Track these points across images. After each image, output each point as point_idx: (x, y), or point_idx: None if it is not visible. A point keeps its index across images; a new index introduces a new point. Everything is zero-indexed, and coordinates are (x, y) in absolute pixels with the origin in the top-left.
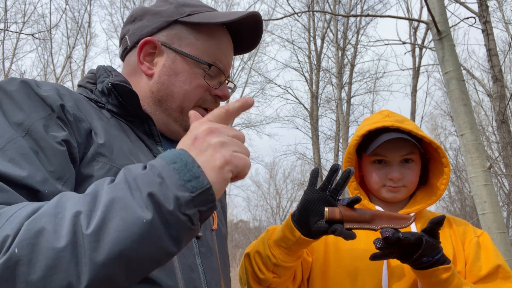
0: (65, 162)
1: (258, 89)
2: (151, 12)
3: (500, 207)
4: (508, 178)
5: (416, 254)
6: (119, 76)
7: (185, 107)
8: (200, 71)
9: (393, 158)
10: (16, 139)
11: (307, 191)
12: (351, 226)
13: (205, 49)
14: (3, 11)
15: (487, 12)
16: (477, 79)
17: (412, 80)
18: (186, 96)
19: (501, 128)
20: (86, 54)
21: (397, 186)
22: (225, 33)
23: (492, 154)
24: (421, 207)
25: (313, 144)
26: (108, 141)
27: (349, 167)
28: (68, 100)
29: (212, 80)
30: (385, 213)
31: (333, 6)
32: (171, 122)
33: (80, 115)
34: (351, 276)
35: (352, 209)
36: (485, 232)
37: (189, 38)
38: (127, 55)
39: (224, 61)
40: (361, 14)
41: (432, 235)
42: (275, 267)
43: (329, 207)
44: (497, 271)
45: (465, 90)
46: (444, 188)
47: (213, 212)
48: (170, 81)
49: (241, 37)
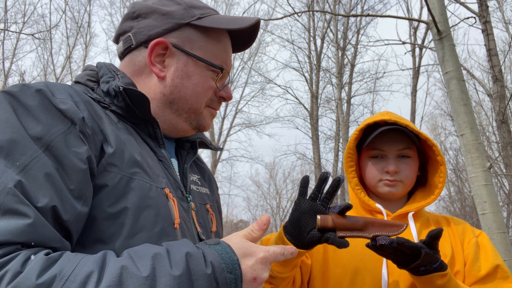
0: (86, 180)
1: (258, 89)
2: (159, 12)
3: (500, 207)
4: (508, 178)
5: (414, 263)
6: (125, 78)
7: (198, 108)
8: (210, 73)
9: (389, 151)
10: (39, 156)
11: (297, 201)
12: (344, 234)
13: (215, 52)
14: (3, 11)
15: (487, 12)
16: (477, 79)
17: (412, 80)
18: (198, 98)
19: (501, 128)
20: (86, 54)
21: (394, 179)
22: (227, 36)
23: (492, 154)
24: (420, 206)
25: (313, 144)
26: (118, 149)
27: (340, 175)
28: (83, 109)
29: (219, 82)
30: (377, 221)
31: (333, 6)
32: (180, 122)
33: (95, 127)
34: (350, 276)
35: (344, 217)
36: (483, 232)
37: (200, 42)
38: (129, 53)
39: (228, 63)
40: (361, 14)
41: (431, 246)
42: (271, 278)
43: (321, 215)
44: (496, 271)
45: (465, 90)
46: (442, 186)
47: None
48: (183, 84)
49: (237, 38)
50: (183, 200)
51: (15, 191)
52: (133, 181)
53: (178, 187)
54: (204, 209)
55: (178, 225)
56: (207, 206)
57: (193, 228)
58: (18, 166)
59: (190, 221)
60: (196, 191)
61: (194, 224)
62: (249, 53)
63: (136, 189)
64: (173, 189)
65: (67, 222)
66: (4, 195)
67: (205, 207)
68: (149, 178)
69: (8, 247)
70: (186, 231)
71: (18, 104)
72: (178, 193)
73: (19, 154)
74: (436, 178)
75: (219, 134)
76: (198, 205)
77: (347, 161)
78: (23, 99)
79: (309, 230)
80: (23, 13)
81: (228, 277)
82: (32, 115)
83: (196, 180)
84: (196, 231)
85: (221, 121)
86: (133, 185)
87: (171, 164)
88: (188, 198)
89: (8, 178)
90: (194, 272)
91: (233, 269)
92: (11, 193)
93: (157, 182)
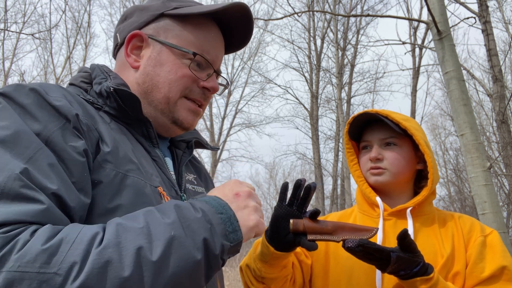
0: (85, 173)
1: (258, 89)
2: (139, 8)
3: (500, 207)
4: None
5: (389, 268)
6: (117, 79)
7: (171, 98)
8: (187, 61)
9: (374, 141)
10: (42, 148)
11: (276, 207)
12: (314, 238)
13: (192, 40)
14: (3, 11)
15: (487, 12)
16: (477, 79)
17: (412, 80)
18: (171, 86)
19: (501, 128)
20: (86, 54)
21: (377, 167)
22: (214, 27)
23: (492, 154)
24: (417, 200)
25: (313, 144)
26: (114, 148)
27: (312, 182)
28: (77, 107)
29: (200, 71)
30: (347, 225)
31: (333, 6)
32: (158, 115)
33: (89, 124)
34: (347, 274)
35: (315, 221)
36: (495, 231)
37: (175, 30)
38: (118, 52)
39: (211, 53)
40: (361, 14)
41: (407, 250)
42: (262, 279)
43: (294, 220)
44: (502, 272)
45: (465, 90)
46: (432, 178)
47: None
48: (155, 71)
49: (232, 33)
50: (177, 199)
51: (23, 177)
52: (128, 178)
53: (172, 186)
54: None
55: None
56: None
57: None
58: (24, 157)
59: None
60: (192, 190)
61: None
62: (249, 53)
63: (130, 186)
64: (167, 188)
65: (73, 209)
66: (12, 181)
67: None
68: (143, 176)
69: (20, 224)
70: None
71: (15, 104)
72: (172, 191)
73: (23, 147)
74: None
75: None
76: None
77: (348, 155)
78: (18, 98)
79: (286, 234)
80: (23, 13)
81: (221, 217)
82: (29, 113)
83: (192, 179)
84: None
85: (221, 121)
86: (128, 182)
87: (165, 164)
88: (183, 197)
89: (15, 166)
90: (186, 219)
91: (223, 210)
92: (19, 179)
93: (150, 181)
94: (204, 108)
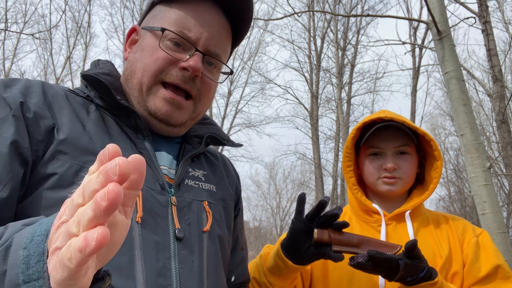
0: (6, 165)
1: (258, 89)
2: (147, 2)
3: (500, 207)
4: (508, 178)
5: (397, 275)
6: (103, 68)
7: (144, 83)
8: (167, 43)
9: (387, 148)
10: None
11: (294, 220)
12: (339, 249)
13: (173, 19)
14: (3, 11)
15: (487, 12)
16: (477, 79)
17: (412, 80)
18: (144, 70)
19: (501, 128)
20: (86, 54)
21: (393, 176)
22: (206, 6)
23: (492, 154)
24: (416, 203)
25: (313, 144)
26: (72, 137)
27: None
28: (35, 96)
29: (180, 52)
30: (372, 240)
31: (333, 6)
32: (137, 107)
33: (43, 112)
34: (348, 278)
35: (340, 233)
36: (485, 231)
37: (162, 14)
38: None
39: (193, 30)
40: (361, 14)
41: (412, 257)
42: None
43: (318, 229)
44: (496, 271)
45: (465, 90)
46: (436, 182)
47: None
48: (135, 57)
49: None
50: (160, 194)
51: None
52: (85, 169)
53: (157, 180)
54: (197, 206)
55: (140, 219)
56: (204, 203)
57: (168, 223)
58: None
59: (167, 216)
60: (195, 187)
61: (173, 219)
62: (249, 53)
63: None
64: (150, 181)
65: None
66: None
67: (199, 204)
68: None
69: None
70: (151, 226)
71: None
72: (155, 186)
73: None
74: (432, 173)
75: None
76: (188, 201)
77: (345, 161)
78: None
79: (307, 247)
80: (23, 13)
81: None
82: None
83: (200, 176)
84: (173, 228)
85: (221, 121)
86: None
87: (153, 156)
88: (170, 192)
89: None
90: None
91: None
92: None
93: None
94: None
